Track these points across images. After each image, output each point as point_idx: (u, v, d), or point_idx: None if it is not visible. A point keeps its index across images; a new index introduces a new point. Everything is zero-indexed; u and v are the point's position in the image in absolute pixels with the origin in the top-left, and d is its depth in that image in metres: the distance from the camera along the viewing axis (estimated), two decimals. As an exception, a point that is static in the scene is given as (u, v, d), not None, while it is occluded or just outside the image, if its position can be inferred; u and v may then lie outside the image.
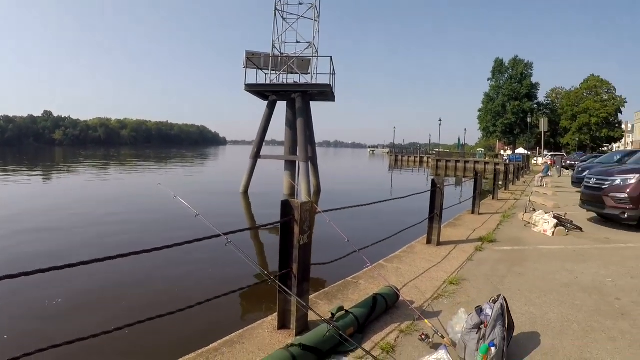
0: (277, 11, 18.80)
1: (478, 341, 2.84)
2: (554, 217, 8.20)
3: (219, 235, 2.82)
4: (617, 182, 8.17)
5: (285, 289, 3.13)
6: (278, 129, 19.56)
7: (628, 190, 7.87)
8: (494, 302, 3.01)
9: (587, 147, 70.12)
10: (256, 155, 18.54)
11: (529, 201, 10.47)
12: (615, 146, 75.86)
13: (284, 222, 3.18)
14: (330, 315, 3.17)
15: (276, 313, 3.40)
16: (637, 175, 7.92)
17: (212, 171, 39.80)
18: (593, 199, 8.88)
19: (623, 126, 75.31)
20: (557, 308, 3.98)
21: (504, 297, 3.05)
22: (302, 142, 17.88)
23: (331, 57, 18.59)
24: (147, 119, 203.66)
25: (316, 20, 19.01)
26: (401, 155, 73.26)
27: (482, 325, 2.88)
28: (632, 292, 4.47)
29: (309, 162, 18.70)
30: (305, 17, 19.17)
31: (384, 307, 3.66)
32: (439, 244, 6.67)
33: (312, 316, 3.33)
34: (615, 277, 5.03)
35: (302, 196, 16.69)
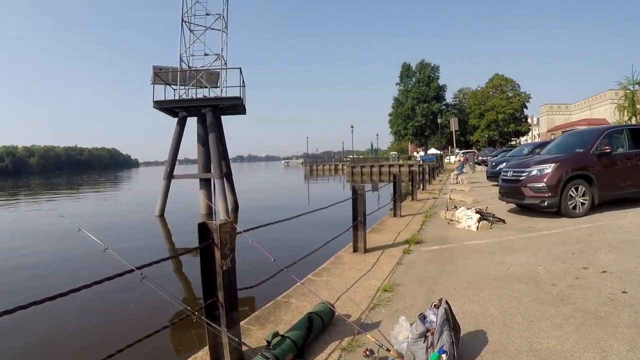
0: (183, 23, 18.98)
1: (427, 350, 2.77)
2: (477, 212, 8.60)
3: (132, 271, 2.50)
4: (534, 172, 8.85)
5: (213, 325, 2.93)
6: (191, 146, 19.39)
7: (545, 180, 8.56)
8: (437, 307, 2.98)
9: (496, 142, 77.09)
10: (169, 176, 18.56)
11: (450, 199, 10.94)
12: (522, 139, 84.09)
13: (203, 247, 2.95)
14: (265, 344, 3.04)
15: (207, 347, 3.16)
16: (552, 164, 8.66)
17: (125, 195, 38.41)
18: (512, 190, 9.51)
19: (529, 120, 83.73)
20: (497, 302, 4.05)
21: (446, 301, 3.03)
22: (216, 158, 18.03)
23: (240, 68, 18.90)
24: (55, 144, 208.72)
25: (224, 32, 19.40)
26: (316, 164, 76.09)
27: (429, 333, 2.84)
28: (566, 276, 4.72)
29: (224, 179, 18.91)
30: (213, 29, 19.53)
31: (320, 326, 3.51)
32: (366, 251, 6.70)
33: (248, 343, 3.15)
34: (546, 264, 5.30)
35: (220, 215, 16.69)
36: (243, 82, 18.94)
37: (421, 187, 18.90)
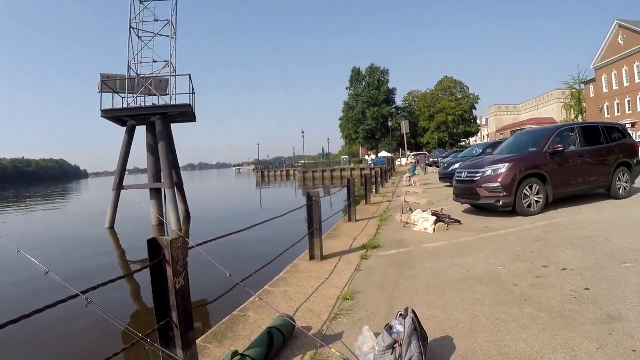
0: (132, 29, 18.81)
1: (395, 361, 2.67)
2: (433, 214, 8.68)
3: (76, 296, 2.27)
4: (489, 172, 9.06)
5: (167, 351, 2.76)
6: (141, 155, 19.51)
7: (500, 180, 8.78)
8: (403, 317, 2.94)
9: (447, 143, 79.31)
10: (119, 187, 18.31)
11: (405, 202, 11.02)
12: (472, 140, 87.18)
13: (154, 265, 2.77)
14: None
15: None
16: (506, 164, 8.90)
17: (75, 208, 37.33)
18: (467, 191, 9.69)
19: (478, 121, 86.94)
20: (461, 306, 4.03)
21: (413, 310, 2.98)
22: (166, 167, 17.90)
23: (190, 75, 18.81)
24: (1, 156, 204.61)
25: (173, 38, 19.26)
26: (267, 171, 76.45)
27: (397, 345, 2.78)
28: (527, 275, 4.78)
29: (175, 188, 18.78)
30: (162, 35, 19.43)
31: (281, 341, 3.40)
32: (323, 258, 6.61)
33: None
34: (506, 264, 5.37)
35: (172, 226, 16.60)
36: (193, 89, 18.86)
37: (374, 190, 19.04)
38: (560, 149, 9.03)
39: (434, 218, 8.51)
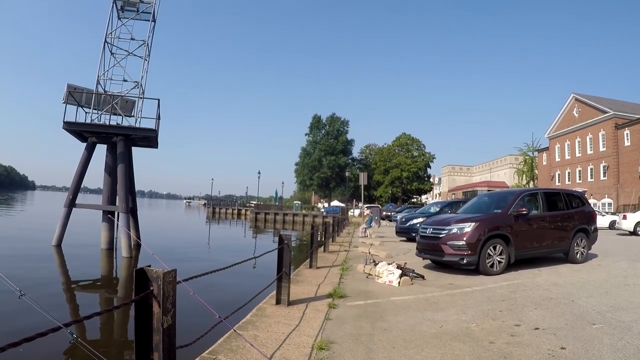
0: (106, 44, 18.78)
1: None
2: (398, 267, 8.78)
3: (58, 329, 2.06)
4: (454, 230, 9.32)
5: None
6: (92, 174, 18.64)
7: (465, 238, 9.04)
8: None
9: (399, 199, 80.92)
10: (71, 203, 17.83)
11: (369, 253, 11.11)
12: (424, 197, 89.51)
13: (139, 300, 2.58)
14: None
15: None
16: (472, 224, 9.19)
17: (20, 220, 35.52)
18: (431, 247, 9.89)
19: (432, 179, 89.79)
20: (442, 361, 4.06)
21: None
22: (123, 191, 17.60)
23: (158, 100, 18.57)
24: None
25: (146, 60, 19.24)
26: (219, 207, 76.30)
27: None
28: (501, 333, 4.90)
29: (129, 214, 18.41)
30: (136, 55, 19.45)
31: None
32: (289, 303, 6.50)
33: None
34: (478, 321, 5.48)
35: (123, 252, 16.32)
36: (159, 114, 18.61)
37: (332, 238, 19.10)
38: (524, 212, 9.45)
39: (399, 271, 8.61)
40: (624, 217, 23.26)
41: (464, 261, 8.99)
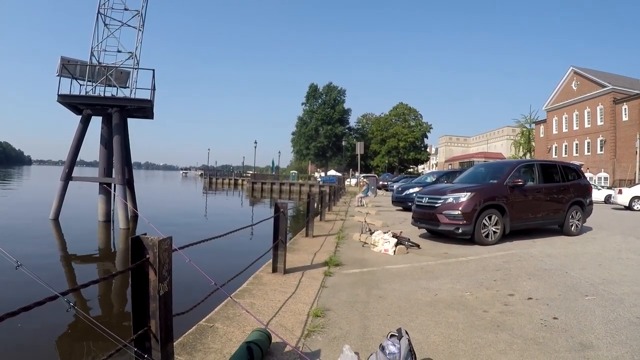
0: (99, 15, 18.35)
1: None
2: (393, 236, 8.83)
3: (55, 297, 2.03)
4: (450, 200, 9.35)
5: None
6: (88, 147, 18.52)
7: (461, 207, 9.09)
8: (397, 338, 3.00)
9: (395, 168, 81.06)
10: (68, 177, 17.77)
11: (365, 222, 11.17)
12: (421, 167, 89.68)
13: (135, 268, 2.60)
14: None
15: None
16: (468, 193, 9.23)
17: (17, 195, 35.14)
18: (426, 216, 9.94)
19: (428, 149, 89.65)
20: (436, 329, 4.12)
21: (406, 331, 3.03)
22: (119, 162, 17.52)
23: (153, 70, 18.37)
24: None
25: (140, 30, 18.95)
26: (215, 177, 75.40)
27: None
28: (494, 302, 4.97)
29: (126, 185, 18.49)
30: (130, 25, 19.11)
31: (260, 357, 3.30)
32: (285, 271, 6.55)
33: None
34: (472, 290, 5.55)
35: (120, 224, 16.31)
36: (154, 85, 18.37)
37: (328, 207, 19.17)
38: (520, 183, 9.48)
39: (395, 240, 8.67)
40: (620, 192, 23.48)
41: (459, 230, 9.06)
